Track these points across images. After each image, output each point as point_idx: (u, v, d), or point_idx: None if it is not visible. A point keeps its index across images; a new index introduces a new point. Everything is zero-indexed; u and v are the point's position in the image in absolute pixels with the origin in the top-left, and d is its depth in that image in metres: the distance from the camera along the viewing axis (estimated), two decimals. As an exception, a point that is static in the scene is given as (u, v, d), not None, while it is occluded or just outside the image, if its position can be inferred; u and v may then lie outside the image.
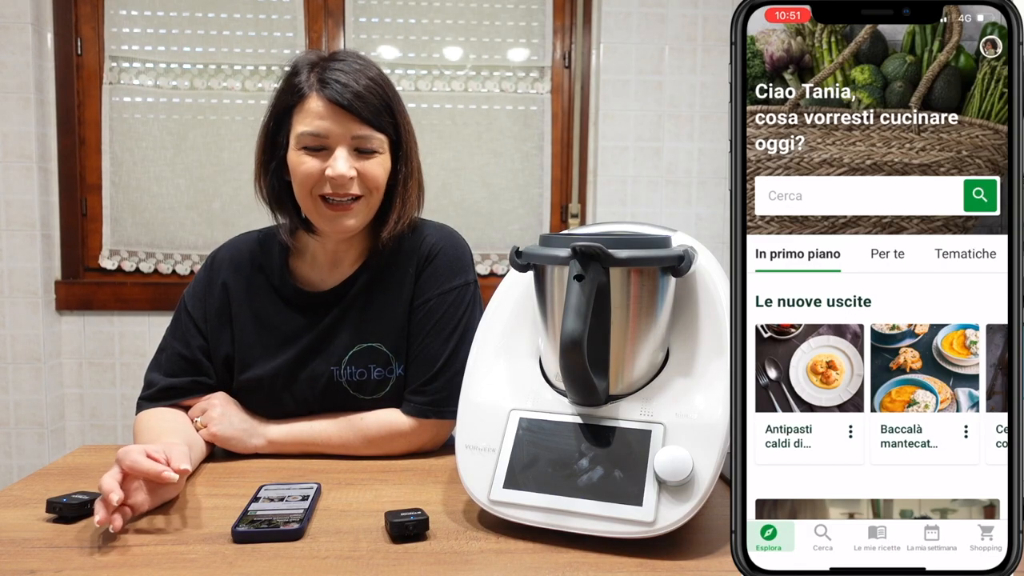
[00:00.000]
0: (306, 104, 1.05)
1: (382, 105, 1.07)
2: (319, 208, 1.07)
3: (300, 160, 1.06)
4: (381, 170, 1.09)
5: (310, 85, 1.05)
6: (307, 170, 1.05)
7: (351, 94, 1.04)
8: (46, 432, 2.37)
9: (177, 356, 1.15)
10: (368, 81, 1.06)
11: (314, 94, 1.05)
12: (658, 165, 2.48)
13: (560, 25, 2.53)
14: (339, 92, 1.04)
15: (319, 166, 1.05)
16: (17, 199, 2.30)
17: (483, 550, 0.78)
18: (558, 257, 0.79)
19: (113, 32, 2.41)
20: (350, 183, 1.05)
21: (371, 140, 1.07)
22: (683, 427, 0.79)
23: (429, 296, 1.14)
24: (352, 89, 1.04)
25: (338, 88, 1.04)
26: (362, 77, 1.06)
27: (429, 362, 1.13)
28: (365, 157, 1.07)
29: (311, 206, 1.08)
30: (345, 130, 1.05)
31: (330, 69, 1.06)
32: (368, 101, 1.05)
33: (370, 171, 1.07)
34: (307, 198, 1.08)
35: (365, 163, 1.07)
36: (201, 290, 1.18)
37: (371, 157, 1.07)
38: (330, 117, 1.04)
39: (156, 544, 0.78)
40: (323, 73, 1.05)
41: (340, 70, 1.05)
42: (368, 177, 1.07)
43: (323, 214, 1.08)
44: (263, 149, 1.12)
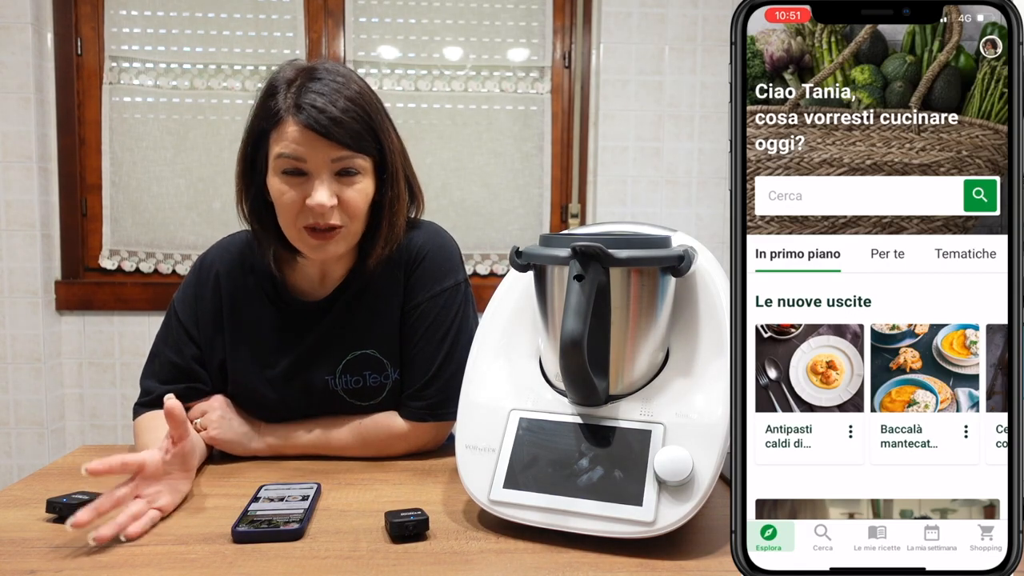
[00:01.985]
0: (282, 128, 1.00)
1: (363, 127, 1.02)
2: (303, 237, 1.04)
3: (280, 190, 1.02)
4: (361, 197, 1.04)
5: (286, 108, 1.00)
6: (288, 202, 1.02)
7: (327, 120, 0.99)
8: (46, 432, 2.37)
9: (170, 365, 1.13)
10: (347, 103, 1.01)
11: (290, 119, 1.00)
12: (658, 165, 2.48)
13: (560, 25, 2.53)
14: (315, 119, 0.98)
15: (300, 195, 1.01)
16: (17, 199, 2.30)
17: (483, 550, 0.78)
18: (558, 257, 0.79)
19: (113, 32, 2.41)
20: (330, 212, 1.01)
21: (352, 161, 1.02)
22: (683, 427, 0.79)
23: (420, 300, 1.13)
24: (328, 114, 0.99)
25: (314, 113, 0.98)
26: (340, 99, 1.00)
27: (424, 366, 1.12)
28: (346, 183, 1.03)
29: (295, 235, 1.05)
30: (324, 156, 1.00)
31: (306, 91, 1.00)
32: (347, 126, 1.00)
33: (351, 200, 1.03)
34: (291, 227, 1.04)
35: (346, 191, 1.03)
36: (191, 296, 1.15)
37: (353, 182, 1.03)
38: (306, 143, 0.99)
39: (156, 544, 0.78)
40: (299, 96, 1.00)
41: (317, 92, 1.00)
42: (349, 206, 1.03)
43: (307, 243, 1.04)
44: (242, 173, 1.08)
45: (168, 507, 0.86)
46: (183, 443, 0.89)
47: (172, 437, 0.88)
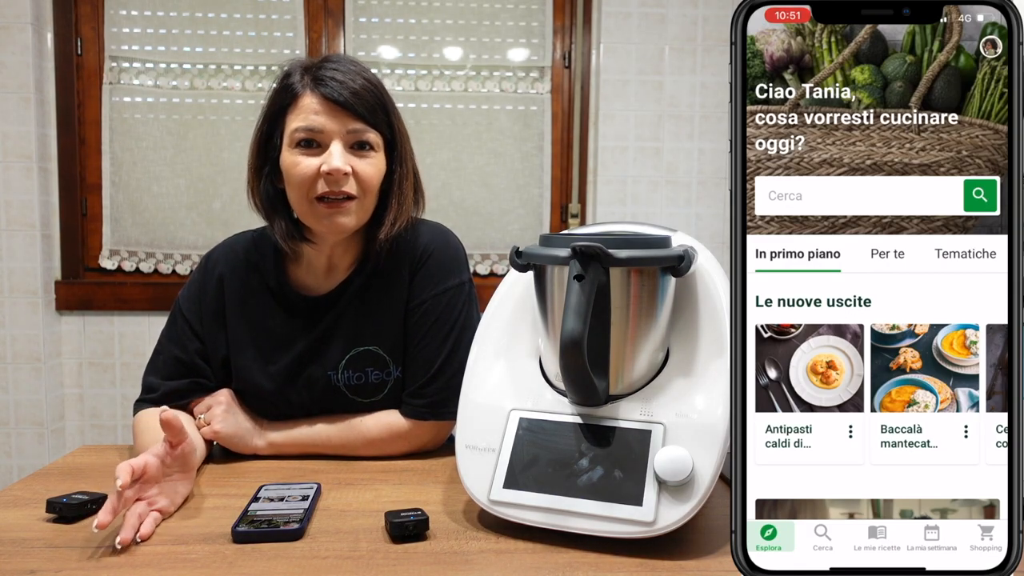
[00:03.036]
0: (300, 102, 1.05)
1: (377, 103, 1.07)
2: (315, 209, 1.06)
3: (294, 160, 1.04)
4: (375, 170, 1.08)
5: (304, 84, 1.05)
6: (302, 170, 1.04)
7: (347, 91, 1.04)
8: (46, 432, 2.37)
9: (174, 360, 1.14)
10: (364, 80, 1.07)
11: (308, 92, 1.05)
12: (658, 165, 2.48)
13: (560, 25, 2.53)
14: (335, 89, 1.04)
15: (314, 165, 1.04)
16: (17, 199, 2.30)
17: (483, 550, 0.78)
18: (558, 257, 0.79)
19: (113, 32, 2.41)
20: (345, 179, 1.04)
21: (366, 134, 1.06)
22: (683, 427, 0.79)
23: (424, 298, 1.13)
24: (348, 86, 1.04)
25: (334, 85, 1.04)
26: (357, 77, 1.06)
27: (426, 364, 1.12)
28: (360, 155, 1.06)
29: (307, 209, 1.06)
30: (340, 125, 1.04)
31: (324, 69, 1.06)
32: (363, 98, 1.05)
33: (364, 171, 1.06)
34: (303, 201, 1.06)
35: (359, 162, 1.06)
36: (196, 292, 1.16)
37: (366, 155, 1.07)
38: (325, 113, 1.04)
39: (156, 544, 0.78)
40: (317, 72, 1.06)
41: (335, 70, 1.06)
42: (362, 178, 1.06)
43: (319, 213, 1.06)
44: (256, 153, 1.11)
45: (167, 509, 0.86)
46: (182, 446, 0.89)
47: (170, 442, 0.88)
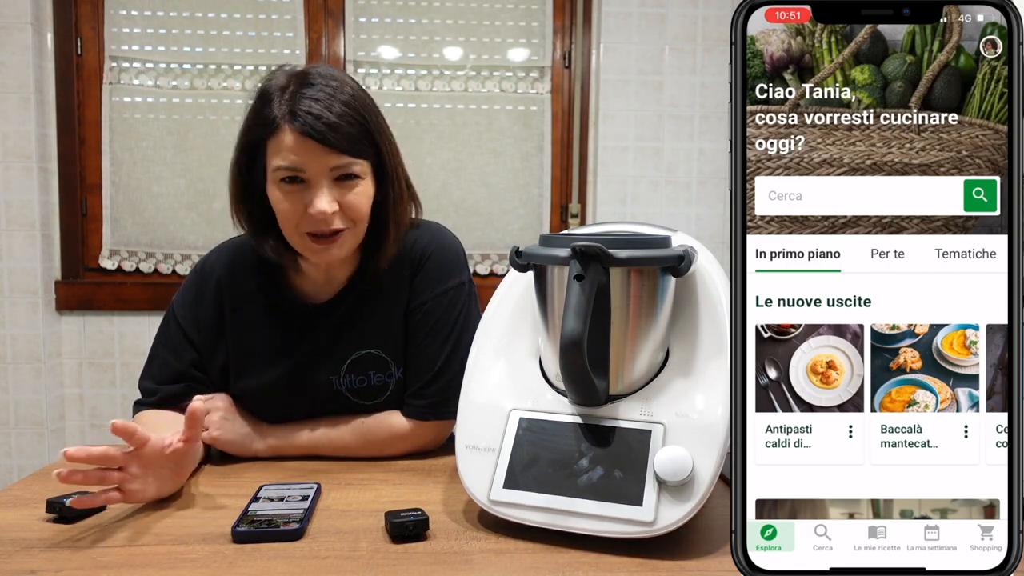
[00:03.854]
0: (278, 137, 1.00)
1: (359, 131, 1.02)
2: (305, 243, 1.04)
3: (280, 198, 1.02)
4: (364, 199, 1.05)
5: (282, 115, 0.99)
6: (288, 209, 1.02)
7: (324, 126, 0.98)
8: (46, 432, 2.37)
9: (169, 367, 1.13)
10: (342, 108, 1.00)
11: (286, 127, 0.99)
12: (658, 165, 2.48)
13: (560, 25, 2.53)
14: (311, 124, 0.98)
15: (300, 203, 1.01)
16: (17, 199, 2.30)
17: (483, 550, 0.78)
18: (558, 257, 0.79)
19: (113, 32, 2.41)
20: (332, 218, 1.01)
21: (351, 167, 1.02)
22: (683, 427, 0.79)
23: (424, 300, 1.13)
24: (324, 120, 0.98)
25: (310, 120, 0.98)
26: (335, 104, 1.00)
27: (427, 365, 1.12)
28: (347, 187, 1.03)
29: (297, 241, 1.05)
30: (322, 163, 1.00)
31: (301, 96, 0.99)
32: (342, 131, 0.99)
33: (353, 203, 1.03)
34: (293, 234, 1.04)
35: (347, 195, 1.02)
36: (192, 299, 1.15)
37: (354, 185, 1.03)
38: (305, 152, 0.99)
39: (156, 544, 0.78)
40: (294, 102, 0.99)
41: (312, 98, 0.99)
42: (351, 209, 1.03)
43: (309, 248, 1.04)
44: (236, 185, 1.07)
45: (132, 496, 0.85)
46: (189, 444, 0.89)
47: (184, 436, 0.88)
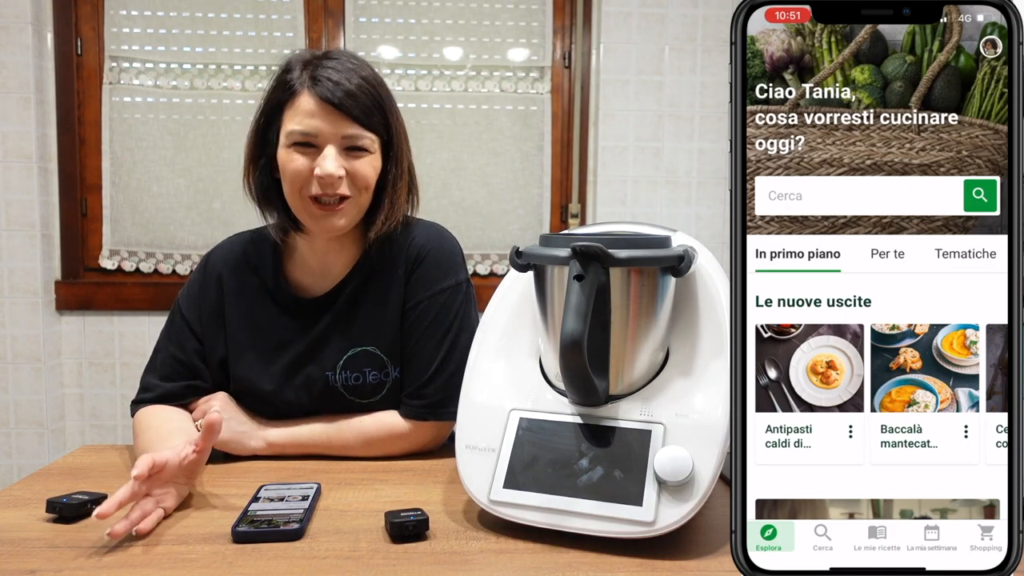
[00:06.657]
0: (297, 101, 1.05)
1: (374, 105, 1.06)
2: (308, 208, 1.07)
3: (289, 159, 1.05)
4: (371, 169, 1.08)
5: (302, 82, 1.05)
6: (296, 168, 1.05)
7: (343, 92, 1.03)
8: (46, 432, 2.37)
9: (172, 359, 1.14)
10: (361, 80, 1.06)
11: (305, 91, 1.04)
12: (658, 165, 2.48)
13: (560, 25, 2.53)
14: (330, 90, 1.03)
15: (308, 165, 1.04)
16: (17, 199, 2.30)
17: (483, 550, 0.78)
18: (558, 257, 0.79)
19: (113, 32, 2.41)
20: (339, 182, 1.04)
21: (361, 139, 1.06)
22: (683, 427, 0.79)
23: (420, 299, 1.13)
24: (344, 87, 1.03)
25: (329, 86, 1.03)
26: (355, 76, 1.05)
27: (424, 365, 1.12)
28: (355, 156, 1.06)
29: (300, 205, 1.07)
30: (335, 129, 1.04)
31: (323, 67, 1.05)
32: (359, 100, 1.05)
33: (359, 171, 1.06)
34: (296, 197, 1.07)
35: (354, 162, 1.06)
36: (196, 292, 1.17)
37: (361, 156, 1.06)
38: (320, 116, 1.03)
39: (156, 544, 0.78)
40: (315, 71, 1.05)
41: (333, 68, 1.05)
42: (357, 177, 1.06)
43: (312, 214, 1.07)
44: (253, 145, 1.12)
45: (171, 508, 0.86)
46: (203, 454, 0.90)
47: (199, 447, 0.88)
